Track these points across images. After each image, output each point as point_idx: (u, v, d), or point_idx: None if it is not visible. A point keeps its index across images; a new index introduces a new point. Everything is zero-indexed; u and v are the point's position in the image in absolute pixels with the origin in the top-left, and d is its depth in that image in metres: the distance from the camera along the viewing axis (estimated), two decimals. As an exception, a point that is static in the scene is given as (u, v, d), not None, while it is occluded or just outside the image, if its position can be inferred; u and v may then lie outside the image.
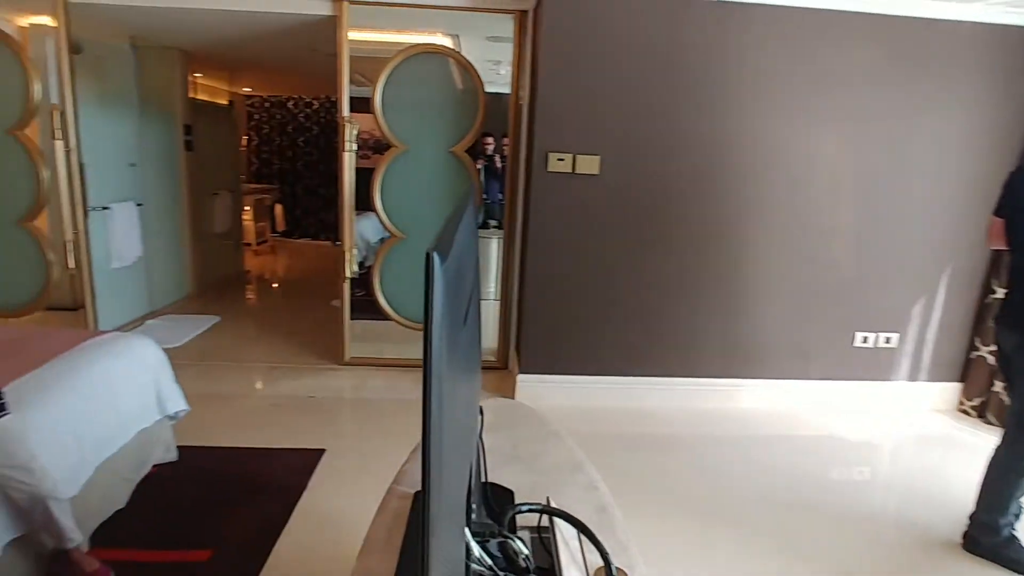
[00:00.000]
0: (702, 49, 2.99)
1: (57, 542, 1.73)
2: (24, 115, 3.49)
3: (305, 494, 2.31)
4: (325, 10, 3.42)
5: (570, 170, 3.06)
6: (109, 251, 3.95)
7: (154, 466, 2.39)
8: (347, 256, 3.58)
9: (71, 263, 3.62)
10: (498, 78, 4.50)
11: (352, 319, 3.70)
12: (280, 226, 8.22)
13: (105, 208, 3.90)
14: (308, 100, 8.34)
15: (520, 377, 3.29)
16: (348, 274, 3.60)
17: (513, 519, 1.04)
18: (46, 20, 4.06)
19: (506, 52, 3.55)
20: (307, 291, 5.70)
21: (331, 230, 8.35)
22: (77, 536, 1.76)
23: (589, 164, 3.05)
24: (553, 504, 1.10)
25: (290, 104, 8.36)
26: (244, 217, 6.60)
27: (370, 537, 1.14)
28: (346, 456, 2.63)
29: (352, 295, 3.67)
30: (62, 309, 3.94)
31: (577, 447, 1.47)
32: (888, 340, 3.38)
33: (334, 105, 8.17)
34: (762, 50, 3.01)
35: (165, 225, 4.79)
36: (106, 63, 4.09)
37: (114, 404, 2.11)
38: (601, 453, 2.62)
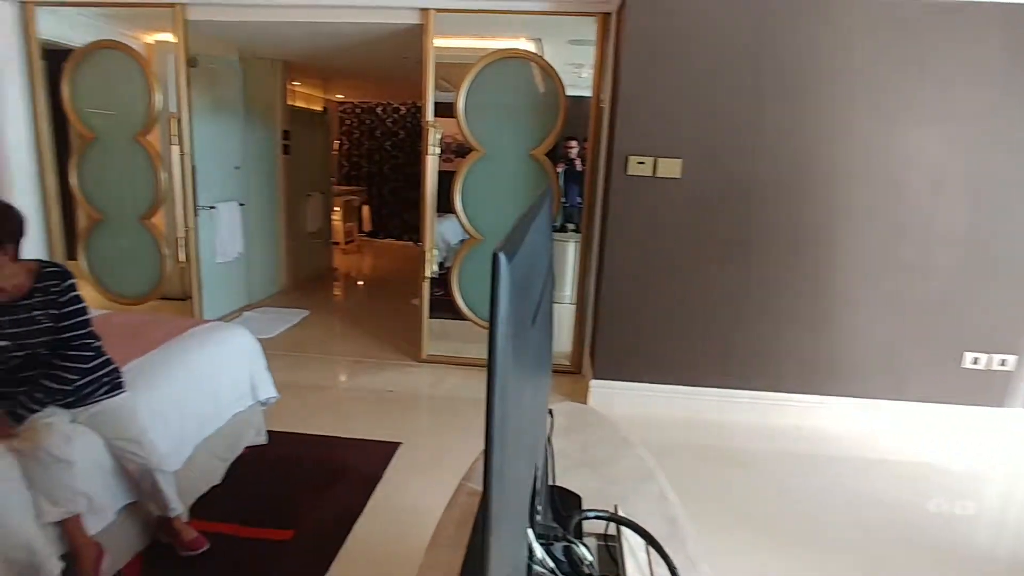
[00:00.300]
0: (793, 46, 2.85)
1: (161, 511, 1.90)
2: (147, 123, 3.86)
3: (381, 484, 2.40)
4: (413, 19, 3.55)
5: (650, 173, 3.00)
6: (215, 247, 4.29)
7: (246, 448, 2.57)
8: (427, 256, 3.69)
9: (182, 257, 3.96)
10: (579, 81, 4.48)
11: (430, 318, 3.81)
12: (367, 226, 8.60)
13: (212, 207, 4.24)
14: (396, 106, 8.67)
15: (593, 383, 3.26)
16: (428, 274, 3.71)
17: (579, 525, 1.04)
18: (168, 37, 4.47)
19: (588, 55, 3.53)
20: (389, 289, 5.92)
21: (414, 231, 8.62)
22: (179, 507, 1.92)
23: (670, 167, 2.98)
24: (621, 512, 1.09)
25: (379, 110, 8.72)
26: (334, 217, 6.96)
27: (439, 532, 1.17)
28: (421, 450, 2.71)
29: (431, 294, 3.78)
30: (173, 299, 4.31)
31: (648, 456, 1.45)
32: (1004, 362, 3.07)
33: (420, 110, 8.47)
34: (858, 44, 2.82)
35: (263, 224, 5.14)
36: (217, 75, 4.45)
37: (214, 388, 2.30)
38: (674, 464, 2.55)
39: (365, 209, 8.50)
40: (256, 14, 3.65)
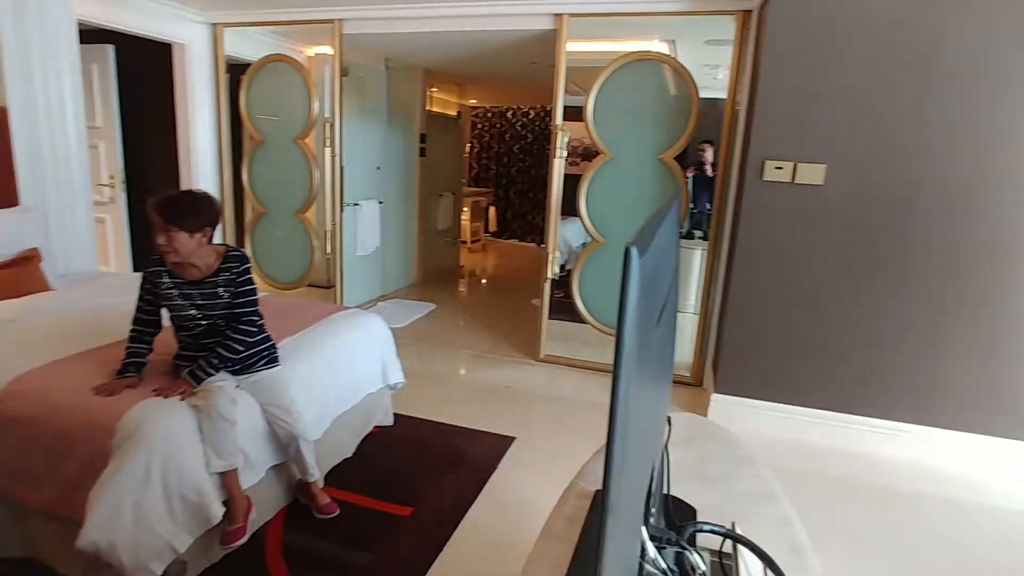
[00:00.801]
0: (969, 36, 2.53)
1: (302, 474, 2.12)
2: (306, 127, 4.29)
3: (495, 475, 2.49)
4: (546, 24, 3.63)
5: (789, 179, 2.82)
6: (356, 241, 4.68)
7: (375, 427, 2.78)
8: (550, 258, 3.75)
9: (328, 249, 4.36)
10: (714, 83, 4.31)
11: (550, 318, 3.86)
12: (492, 227, 8.89)
13: (355, 205, 4.62)
14: (525, 110, 8.86)
15: (714, 396, 3.13)
16: (549, 275, 3.77)
17: (693, 537, 1.02)
18: (325, 50, 4.94)
19: (724, 55, 3.39)
20: (511, 288, 6.08)
21: (537, 232, 8.77)
22: (316, 473, 2.13)
23: (812, 173, 2.78)
24: (739, 532, 1.05)
25: (509, 114, 8.96)
26: (462, 217, 7.28)
27: (550, 525, 1.20)
28: (534, 446, 2.76)
29: (552, 296, 3.83)
30: (318, 287, 4.76)
31: (772, 477, 1.37)
32: None
33: (548, 114, 8.60)
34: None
35: (399, 221, 5.51)
36: (365, 83, 4.84)
37: (351, 368, 2.51)
38: (800, 492, 2.38)
39: (491, 210, 8.79)
40: (403, 26, 3.93)
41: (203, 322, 1.94)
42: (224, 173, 4.56)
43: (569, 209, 3.77)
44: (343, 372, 2.46)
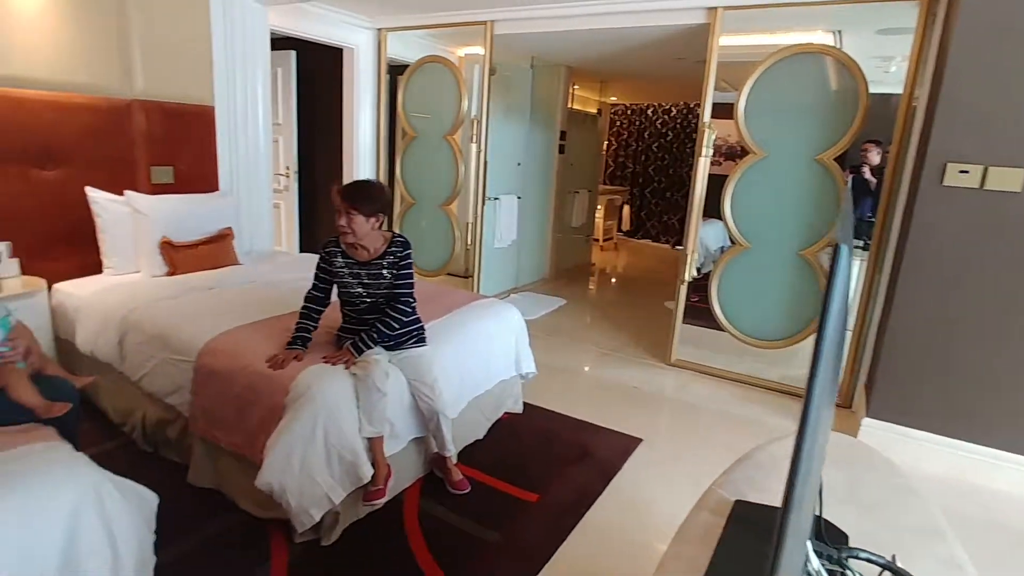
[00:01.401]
0: None
1: (440, 449, 2.27)
2: (455, 124, 4.53)
3: (620, 474, 2.48)
4: (699, 19, 3.51)
5: (976, 185, 2.49)
6: (494, 234, 4.87)
7: (505, 413, 2.90)
8: (688, 260, 3.64)
9: (469, 241, 4.59)
10: (885, 77, 3.90)
11: (683, 322, 3.75)
12: (625, 225, 8.77)
13: (496, 199, 4.81)
14: (667, 107, 8.61)
15: (865, 421, 2.86)
16: (686, 278, 3.66)
17: (844, 562, 0.96)
18: (475, 50, 5.17)
19: (900, 46, 3.06)
20: (642, 289, 5.97)
21: (672, 233, 8.51)
22: (452, 449, 2.27)
23: (1007, 178, 2.43)
24: (900, 566, 0.97)
25: (649, 111, 8.76)
26: (597, 215, 7.26)
27: (685, 528, 1.19)
28: (661, 450, 2.72)
29: (687, 299, 3.72)
30: (456, 275, 5.01)
31: (940, 513, 1.24)
32: None
33: (691, 111, 8.29)
34: None
35: (535, 216, 5.63)
36: (511, 81, 4.99)
37: (487, 355, 2.64)
38: (971, 538, 2.11)
39: (626, 209, 8.67)
40: (552, 24, 4.01)
41: (367, 299, 2.15)
42: (380, 166, 4.95)
43: (709, 210, 3.63)
44: (481, 357, 2.59)
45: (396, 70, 4.92)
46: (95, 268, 2.97)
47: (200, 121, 3.45)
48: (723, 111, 3.52)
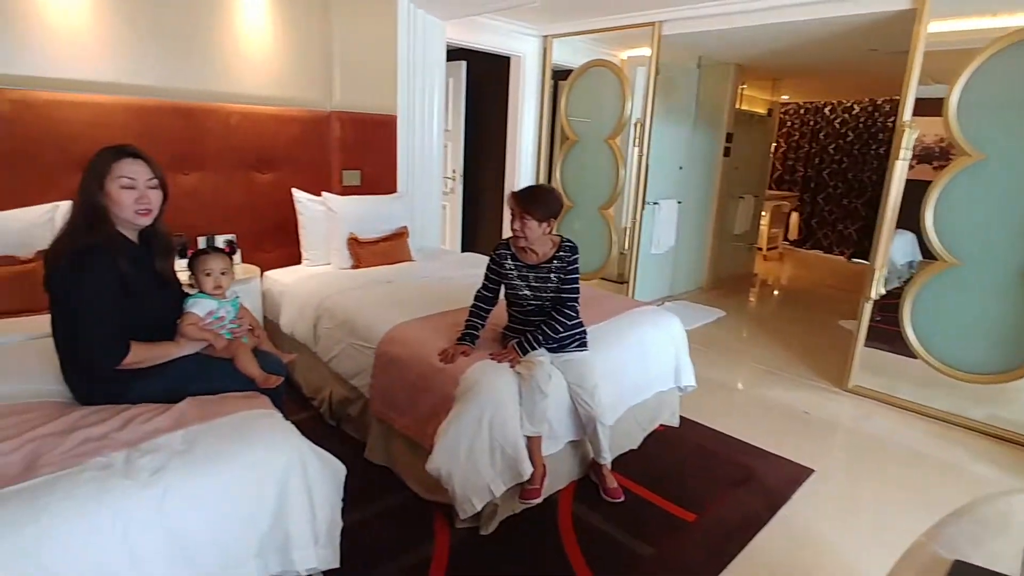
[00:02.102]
0: None
1: (595, 455, 2.26)
2: (617, 127, 4.49)
3: (788, 505, 2.29)
4: (902, 4, 3.12)
5: None
6: (652, 239, 4.75)
7: (660, 424, 2.81)
8: (876, 275, 3.24)
9: (625, 245, 4.52)
10: None
11: (865, 345, 3.36)
12: (793, 234, 8.08)
13: (655, 204, 4.68)
14: (847, 104, 7.78)
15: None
16: (873, 295, 3.27)
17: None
18: (638, 52, 5.08)
19: None
20: (810, 304, 5.46)
21: (847, 244, 7.68)
22: (608, 456, 2.25)
23: None
24: None
25: (826, 110, 7.98)
26: (761, 222, 6.78)
27: (890, 581, 1.06)
28: (837, 485, 2.46)
29: (870, 319, 3.33)
30: (610, 280, 4.98)
31: None
32: None
33: (877, 109, 7.39)
34: None
35: (694, 222, 5.40)
36: (674, 82, 4.82)
37: (645, 363, 2.57)
38: None
39: (794, 216, 7.99)
40: (724, 22, 3.81)
41: (533, 302, 2.20)
42: (540, 170, 5.06)
43: (899, 220, 3.20)
44: (639, 365, 2.53)
45: (558, 76, 5.00)
46: (296, 259, 3.39)
47: (384, 129, 3.78)
48: (923, 107, 3.09)
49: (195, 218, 3.02)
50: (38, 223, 2.44)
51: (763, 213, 6.84)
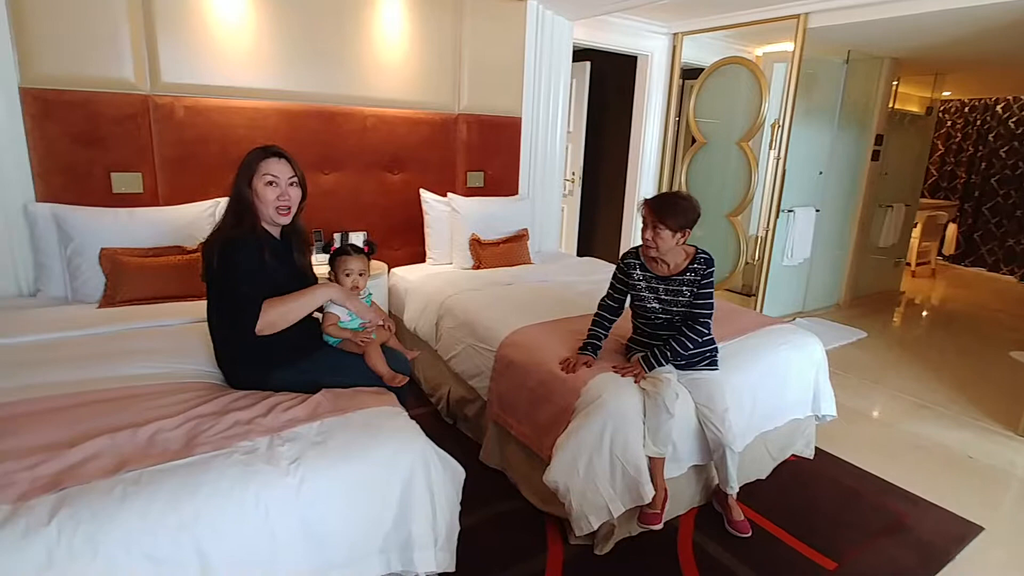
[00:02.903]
0: None
1: (721, 484, 2.10)
2: (751, 129, 4.20)
3: (952, 565, 1.99)
4: None
5: None
6: (785, 249, 4.39)
7: (792, 455, 2.57)
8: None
9: (755, 256, 4.22)
10: None
11: (1049, 383, 2.88)
12: (949, 249, 7.17)
13: (790, 211, 4.33)
14: (1027, 101, 6.77)
15: None
16: (1064, 326, 2.78)
17: None
18: (777, 47, 4.71)
19: None
20: (971, 330, 4.79)
21: (1019, 262, 6.70)
22: (736, 486, 2.08)
23: None
24: None
25: (998, 107, 6.99)
26: (912, 234, 6.07)
27: None
28: (1015, 550, 2.11)
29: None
30: (735, 292, 4.67)
31: None
32: None
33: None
34: None
35: (833, 232, 4.93)
36: (816, 79, 4.41)
37: (782, 388, 2.36)
38: None
39: (951, 228, 7.08)
40: (882, 11, 3.42)
41: (662, 315, 2.09)
42: (663, 173, 4.87)
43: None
44: (774, 390, 2.32)
45: (686, 75, 4.77)
46: (420, 258, 3.50)
47: (509, 131, 3.80)
48: None
49: (331, 215, 3.21)
50: (201, 217, 2.69)
51: (915, 224, 6.11)
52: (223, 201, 2.77)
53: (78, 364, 1.85)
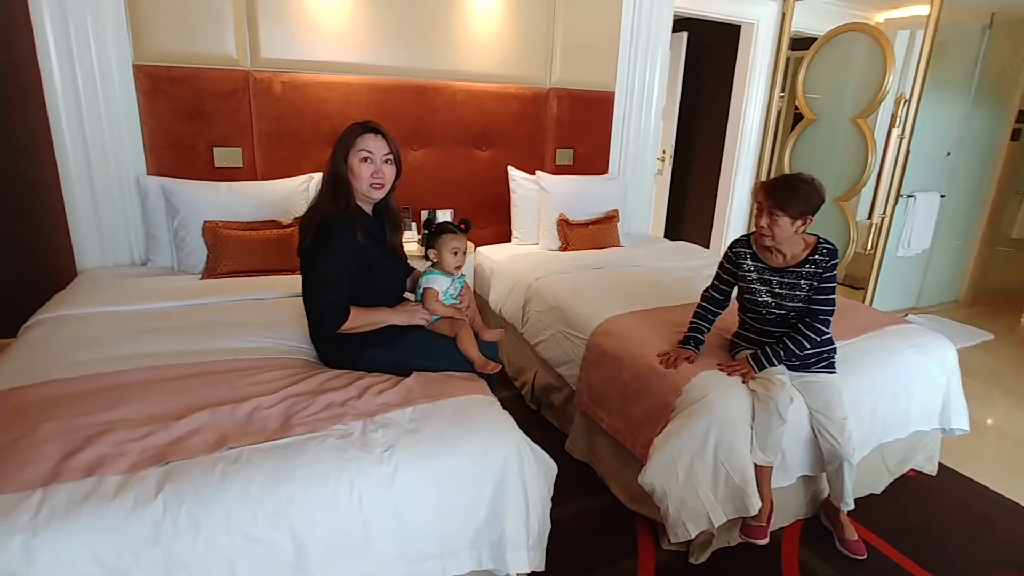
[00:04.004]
0: None
1: (834, 499, 1.91)
2: (871, 104, 3.79)
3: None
4: None
5: None
6: (901, 238, 3.98)
7: (911, 469, 2.32)
8: None
9: (867, 245, 3.84)
10: None
11: None
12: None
13: (911, 196, 3.90)
14: None
15: None
16: None
17: None
18: (903, 12, 4.22)
19: None
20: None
21: None
22: (851, 503, 1.89)
23: None
24: None
25: None
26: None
27: None
28: None
29: None
30: (840, 284, 4.28)
31: None
32: None
33: None
34: None
35: (958, 220, 4.42)
36: (946, 48, 3.90)
37: (906, 396, 2.12)
38: None
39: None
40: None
41: (774, 310, 1.89)
42: (764, 153, 4.52)
43: None
44: (897, 398, 2.08)
45: (796, 45, 4.37)
46: (506, 237, 3.42)
47: (600, 106, 3.62)
48: None
49: (419, 192, 3.17)
50: (296, 191, 2.72)
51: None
52: (317, 176, 2.82)
53: (182, 334, 1.90)
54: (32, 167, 2.62)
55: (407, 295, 2.02)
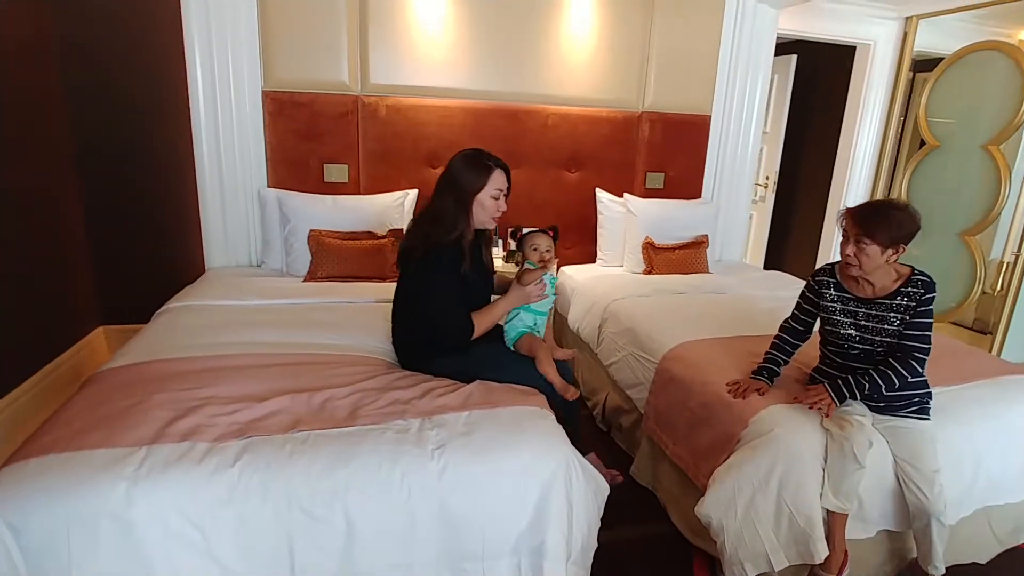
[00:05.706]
0: None
1: (921, 560, 1.73)
2: (1005, 130, 3.43)
3: None
4: None
5: None
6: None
7: (1027, 541, 2.04)
8: None
9: (997, 285, 3.44)
10: None
11: None
12: None
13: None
14: None
15: None
16: None
17: None
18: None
19: None
20: None
21: None
22: (942, 568, 1.70)
23: None
24: None
25: None
26: None
27: None
28: None
29: None
30: (963, 327, 3.87)
31: None
32: None
33: None
34: None
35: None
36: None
37: (1020, 454, 1.88)
38: None
39: None
40: None
41: (859, 345, 1.77)
42: (879, 181, 4.21)
43: None
44: (1009, 455, 1.86)
45: (918, 66, 4.05)
46: (591, 258, 3.44)
47: (695, 130, 3.56)
48: None
49: (508, 212, 3.26)
50: (392, 206, 2.93)
51: None
52: (412, 193, 3.02)
53: (280, 329, 2.11)
54: (176, 176, 3.05)
55: (492, 297, 2.09)
